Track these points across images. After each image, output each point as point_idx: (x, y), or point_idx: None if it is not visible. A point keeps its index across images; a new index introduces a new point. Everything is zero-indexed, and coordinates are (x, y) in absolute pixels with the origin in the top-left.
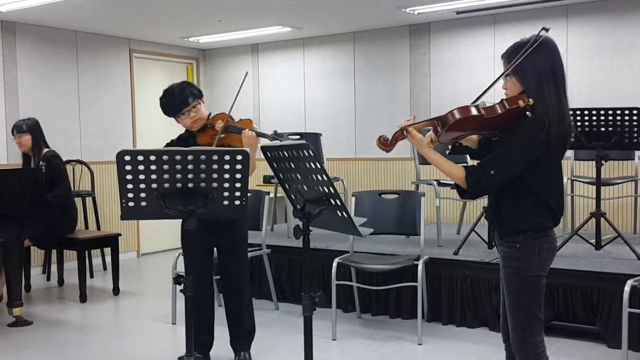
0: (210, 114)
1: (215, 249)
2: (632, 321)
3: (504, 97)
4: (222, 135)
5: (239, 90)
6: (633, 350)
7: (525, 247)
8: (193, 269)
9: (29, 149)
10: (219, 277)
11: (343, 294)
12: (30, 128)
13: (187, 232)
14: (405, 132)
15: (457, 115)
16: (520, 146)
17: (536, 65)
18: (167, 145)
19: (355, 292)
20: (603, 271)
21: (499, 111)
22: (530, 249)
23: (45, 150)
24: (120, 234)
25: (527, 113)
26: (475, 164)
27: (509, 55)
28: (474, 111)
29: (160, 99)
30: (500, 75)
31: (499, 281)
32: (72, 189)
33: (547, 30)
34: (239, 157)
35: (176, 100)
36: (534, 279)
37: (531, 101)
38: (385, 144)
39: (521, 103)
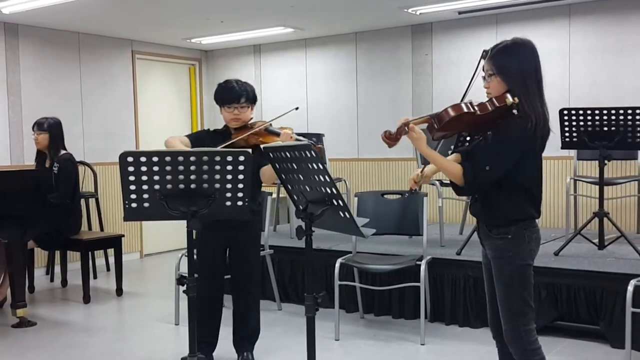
0: (252, 118)
1: (227, 248)
2: (636, 321)
3: (486, 96)
4: (257, 135)
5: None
6: (636, 350)
7: (517, 238)
8: (206, 269)
9: (45, 147)
10: (228, 276)
11: (346, 294)
12: (50, 128)
13: (203, 232)
14: (407, 127)
15: (452, 113)
16: (511, 141)
17: (521, 65)
18: (196, 133)
19: (358, 292)
20: (606, 271)
21: (490, 108)
22: (521, 239)
23: (62, 152)
24: (123, 235)
25: (514, 111)
26: (470, 161)
27: (493, 56)
28: (467, 108)
29: (219, 84)
30: (474, 75)
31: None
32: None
33: (487, 52)
34: (242, 158)
35: (231, 93)
36: (525, 268)
37: (517, 100)
38: (390, 137)
39: (508, 101)
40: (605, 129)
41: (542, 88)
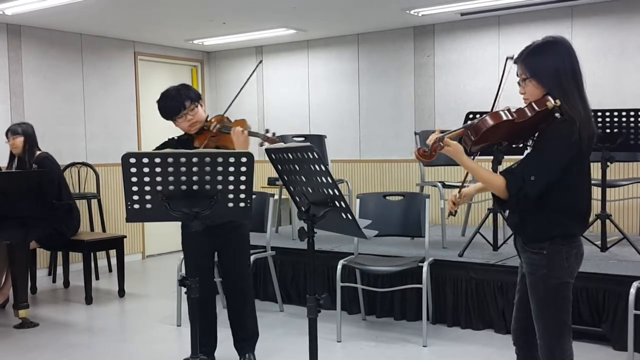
0: (208, 116)
1: (216, 252)
2: (638, 323)
3: (523, 102)
4: (215, 137)
5: (247, 80)
6: (639, 352)
7: (553, 254)
8: (194, 271)
9: (21, 151)
10: (222, 279)
11: (348, 295)
12: (24, 132)
13: (188, 234)
14: (441, 142)
15: (490, 122)
16: (556, 148)
17: (555, 65)
18: (164, 143)
19: (360, 294)
20: (609, 273)
21: (529, 114)
22: (558, 256)
23: (38, 152)
24: (125, 236)
25: (556, 115)
26: (513, 171)
27: (525, 58)
28: (505, 116)
29: (158, 102)
30: (500, 85)
31: (504, 283)
32: (77, 191)
33: (511, 58)
34: (244, 160)
35: (172, 103)
36: (561, 286)
37: (558, 102)
38: (425, 155)
39: (549, 104)
40: (608, 131)
41: (582, 86)
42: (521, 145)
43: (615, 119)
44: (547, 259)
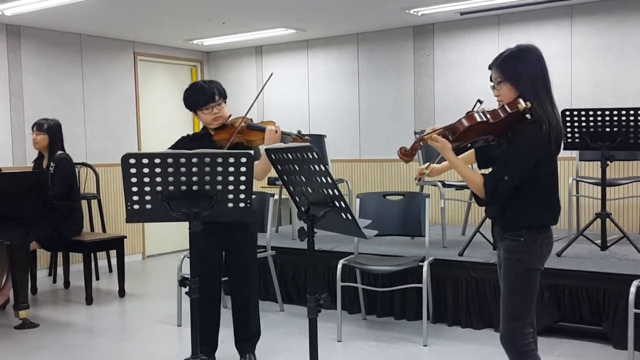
0: (230, 115)
1: (224, 251)
2: (638, 322)
3: (498, 104)
4: (240, 134)
5: (260, 90)
6: (639, 351)
7: (529, 241)
8: (202, 271)
9: (44, 148)
10: (226, 278)
11: (348, 295)
12: (49, 129)
13: (197, 233)
14: (421, 141)
15: (466, 123)
16: (526, 148)
17: (528, 70)
18: (180, 140)
19: (361, 293)
20: (609, 272)
21: (502, 115)
22: (533, 243)
23: (59, 152)
24: (125, 236)
25: (527, 116)
26: (490, 172)
27: (500, 64)
28: (480, 117)
29: (186, 91)
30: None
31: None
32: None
33: (481, 102)
34: (243, 160)
35: (204, 94)
36: (533, 272)
37: (529, 104)
38: (406, 154)
39: (520, 106)
40: (608, 129)
41: (551, 91)
42: (498, 141)
43: (615, 118)
44: (525, 245)
